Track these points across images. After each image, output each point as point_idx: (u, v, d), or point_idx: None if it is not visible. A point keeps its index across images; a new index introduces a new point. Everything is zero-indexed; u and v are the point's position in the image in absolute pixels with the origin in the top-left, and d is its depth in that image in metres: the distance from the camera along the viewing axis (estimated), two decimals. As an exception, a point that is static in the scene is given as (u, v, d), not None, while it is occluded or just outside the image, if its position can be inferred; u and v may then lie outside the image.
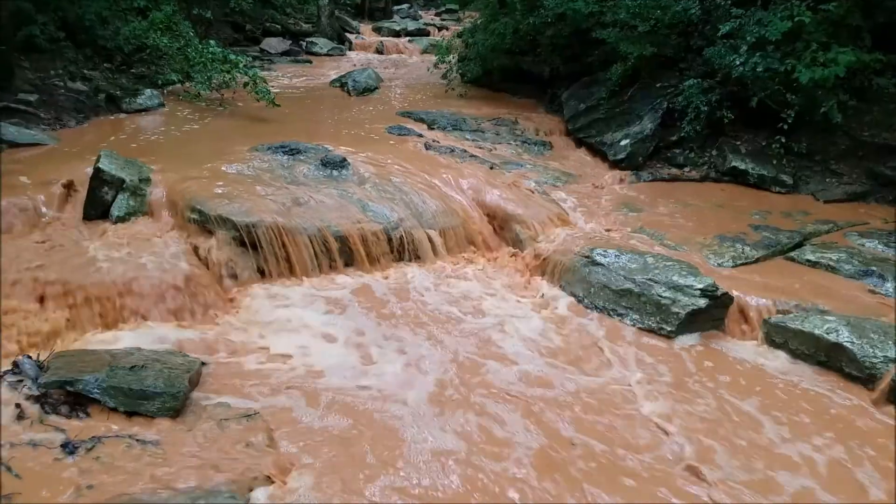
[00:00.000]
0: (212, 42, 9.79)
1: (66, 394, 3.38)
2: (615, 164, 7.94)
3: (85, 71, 8.98)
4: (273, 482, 3.02)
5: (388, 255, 5.63)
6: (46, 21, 8.72)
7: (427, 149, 7.64)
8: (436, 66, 11.97)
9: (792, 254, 5.65)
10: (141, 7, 10.10)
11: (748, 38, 6.95)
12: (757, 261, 5.57)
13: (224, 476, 2.96)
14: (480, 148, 8.10)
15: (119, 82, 9.14)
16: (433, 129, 8.88)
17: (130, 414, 3.35)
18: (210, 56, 9.40)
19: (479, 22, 12.63)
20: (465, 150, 7.70)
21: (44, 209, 5.24)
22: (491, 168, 7.09)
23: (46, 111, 7.77)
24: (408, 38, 19.53)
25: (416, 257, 5.72)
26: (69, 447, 3.06)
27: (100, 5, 9.33)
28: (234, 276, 5.06)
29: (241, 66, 9.39)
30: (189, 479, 2.91)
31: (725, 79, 7.49)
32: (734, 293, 4.81)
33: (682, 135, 7.73)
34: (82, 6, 9.05)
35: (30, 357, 3.67)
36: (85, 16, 9.12)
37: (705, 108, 7.52)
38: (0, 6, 7.56)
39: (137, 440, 3.17)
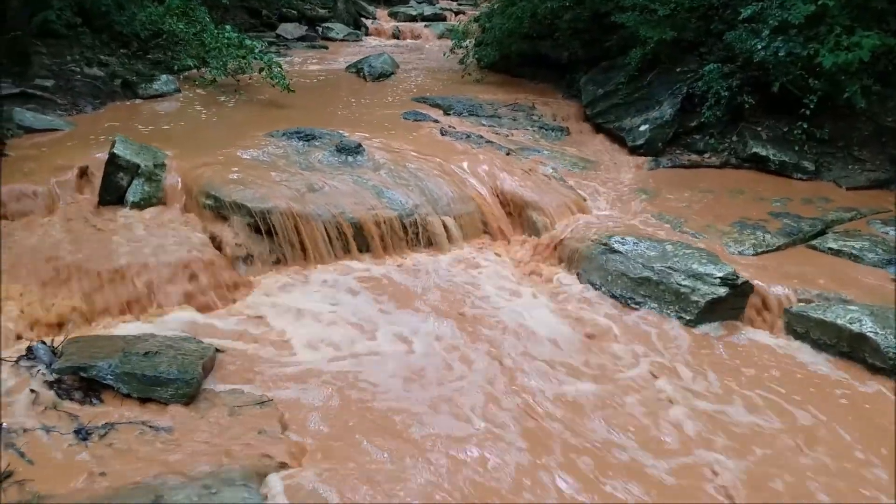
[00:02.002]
0: (228, 27, 9.76)
1: (79, 380, 3.39)
2: (634, 150, 7.81)
3: (101, 56, 8.99)
4: (286, 469, 3.00)
5: (403, 242, 5.59)
6: (63, 6, 8.73)
7: (443, 134, 7.57)
8: (452, 51, 11.85)
9: (814, 242, 5.54)
10: (157, -8, 10.10)
11: (770, 22, 6.77)
12: (778, 249, 5.47)
13: (237, 463, 2.95)
14: (497, 134, 8.01)
15: (135, 68, 9.15)
16: (449, 114, 8.80)
17: (144, 400, 3.35)
18: (226, 41, 9.37)
19: (495, 6, 12.47)
20: (482, 136, 7.62)
21: (60, 194, 5.24)
22: (507, 154, 7.01)
23: (63, 97, 7.80)
24: (424, 23, 19.35)
25: (431, 244, 5.68)
26: (82, 433, 3.06)
27: (116, -10, 9.33)
28: (249, 262, 5.06)
29: (256, 51, 9.35)
30: (202, 465, 2.91)
31: (746, 63, 7.33)
32: (755, 282, 4.71)
33: (702, 120, 7.59)
34: (99, -9, 9.05)
35: (44, 342, 3.69)
36: (101, 1, 9.13)
37: (726, 94, 7.37)
38: (16, -9, 7.58)
39: (150, 427, 3.17)
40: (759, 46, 6.85)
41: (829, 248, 5.37)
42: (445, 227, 5.74)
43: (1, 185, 5.04)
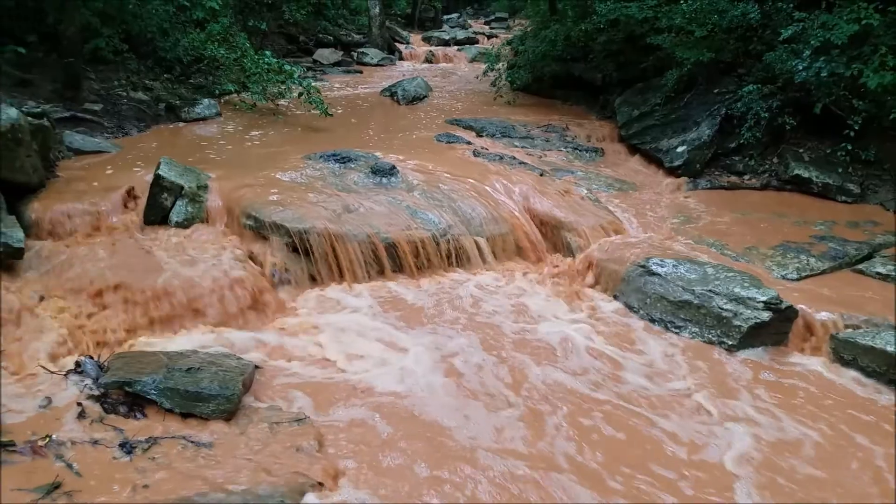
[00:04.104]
0: (267, 53, 10.01)
1: (124, 394, 3.45)
2: (671, 172, 7.75)
3: (146, 81, 9.30)
4: (323, 487, 3.00)
5: (437, 262, 5.60)
6: (111, 34, 9.07)
7: (475, 156, 7.61)
8: (485, 73, 11.97)
9: (860, 266, 5.39)
10: (199, 19, 10.41)
11: (812, 42, 6.69)
12: (823, 273, 5.35)
13: (275, 480, 2.95)
14: (530, 155, 8.03)
15: (178, 92, 9.43)
16: (482, 136, 8.85)
17: (185, 415, 3.39)
18: (265, 66, 9.61)
19: (528, 29, 12.59)
20: (514, 157, 7.64)
21: (106, 214, 5.39)
22: (541, 175, 7.01)
23: (110, 120, 8.08)
24: (457, 47, 19.62)
25: (465, 264, 5.67)
26: (127, 447, 3.10)
27: (161, 18, 9.65)
28: (287, 281, 5.12)
29: (295, 76, 9.57)
30: (241, 481, 2.92)
31: (787, 84, 7.25)
32: (799, 306, 4.60)
33: (742, 142, 7.50)
34: (145, 19, 9.38)
35: (91, 357, 3.78)
36: (147, 28, 9.45)
37: (766, 115, 7.29)
38: (70, 20, 7.89)
39: (192, 441, 3.20)
40: (801, 67, 6.77)
41: (878, 273, 5.22)
42: (478, 247, 5.75)
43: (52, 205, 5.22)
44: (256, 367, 3.95)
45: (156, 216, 5.45)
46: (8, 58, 7.90)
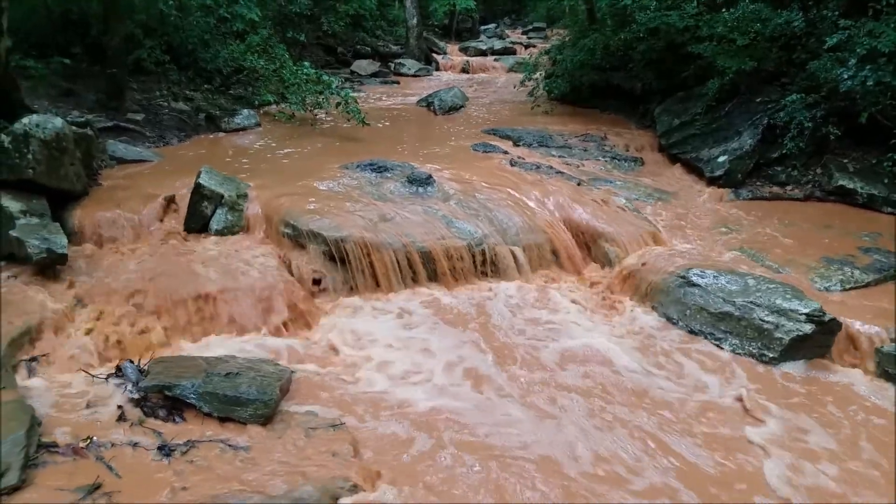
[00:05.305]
0: (305, 64, 10.17)
1: (164, 398, 3.52)
2: (712, 181, 7.61)
3: (187, 92, 9.53)
4: (359, 492, 3.01)
5: (472, 271, 5.59)
6: (154, 45, 9.32)
7: (512, 165, 7.59)
8: (522, 83, 11.94)
9: (907, 279, 5.22)
10: (239, 31, 10.64)
11: (858, 51, 6.52)
12: (867, 285, 5.19)
13: (311, 484, 2.98)
14: (567, 164, 7.97)
15: (218, 102, 9.63)
16: (518, 145, 8.83)
17: (223, 419, 3.44)
18: (304, 77, 9.76)
19: (567, 38, 12.54)
20: (552, 167, 7.60)
21: (147, 221, 5.53)
22: (578, 184, 6.96)
23: (151, 130, 8.29)
24: (494, 57, 19.64)
25: (500, 273, 5.65)
26: (165, 449, 3.17)
27: (202, 29, 9.89)
28: (324, 289, 5.18)
29: (333, 86, 9.70)
30: (278, 485, 2.95)
31: (831, 93, 7.07)
32: (843, 319, 4.48)
33: (784, 152, 7.33)
34: (186, 31, 9.62)
35: (131, 361, 3.87)
36: (188, 40, 9.69)
37: (809, 124, 7.12)
38: (114, 32, 8.13)
39: (229, 445, 3.25)
40: (846, 76, 6.59)
41: (926, 286, 5.05)
42: (514, 256, 5.72)
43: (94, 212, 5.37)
44: (293, 372, 3.99)
45: (196, 224, 5.57)
46: (54, 69, 8.19)
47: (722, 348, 4.57)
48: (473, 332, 4.76)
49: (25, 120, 5.19)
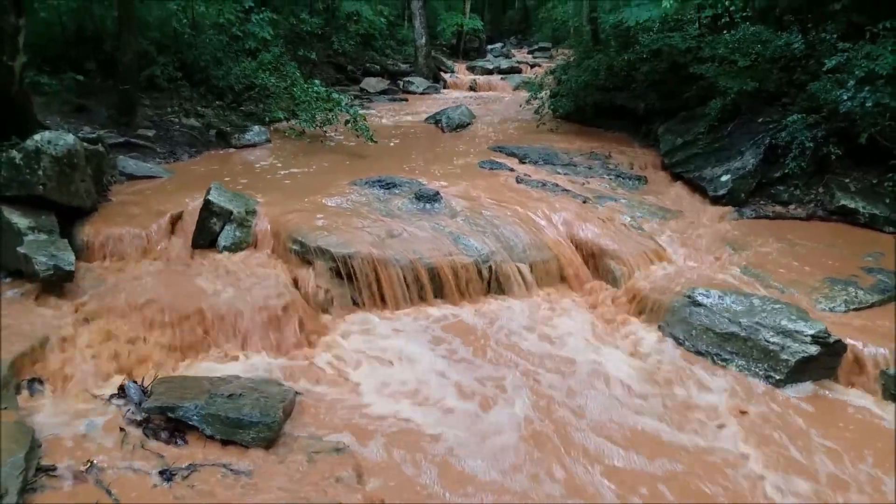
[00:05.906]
0: (316, 82, 10.32)
1: (166, 419, 3.48)
2: (715, 200, 7.66)
3: (198, 108, 9.65)
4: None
5: (479, 288, 5.62)
6: (167, 62, 9.46)
7: (518, 182, 7.66)
8: (528, 102, 12.05)
9: (911, 299, 5.24)
10: (251, 49, 10.80)
11: (856, 73, 6.60)
12: (871, 306, 5.20)
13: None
14: (573, 182, 8.04)
15: (229, 119, 9.74)
16: (524, 163, 8.91)
17: (226, 442, 3.40)
18: (314, 94, 9.89)
19: (571, 59, 12.68)
20: (557, 184, 7.67)
21: (156, 238, 5.56)
22: (583, 202, 7.02)
23: (162, 146, 8.38)
24: (500, 76, 19.80)
25: (507, 290, 5.69)
26: (167, 474, 3.12)
27: (214, 47, 10.04)
28: (331, 306, 5.20)
29: (343, 104, 9.82)
30: (281, 510, 2.91)
31: (832, 114, 7.13)
32: (848, 340, 4.49)
33: (786, 171, 7.39)
34: (199, 48, 9.77)
35: (135, 382, 3.83)
36: (201, 57, 9.83)
37: (811, 144, 7.18)
38: (127, 48, 8.25)
39: (231, 469, 3.20)
40: (845, 97, 6.66)
41: (930, 307, 5.07)
42: (521, 273, 5.76)
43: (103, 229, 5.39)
44: (297, 393, 3.97)
45: (204, 240, 5.61)
46: (67, 85, 8.31)
47: (728, 369, 4.57)
48: (478, 349, 4.77)
49: (37, 136, 5.23)
